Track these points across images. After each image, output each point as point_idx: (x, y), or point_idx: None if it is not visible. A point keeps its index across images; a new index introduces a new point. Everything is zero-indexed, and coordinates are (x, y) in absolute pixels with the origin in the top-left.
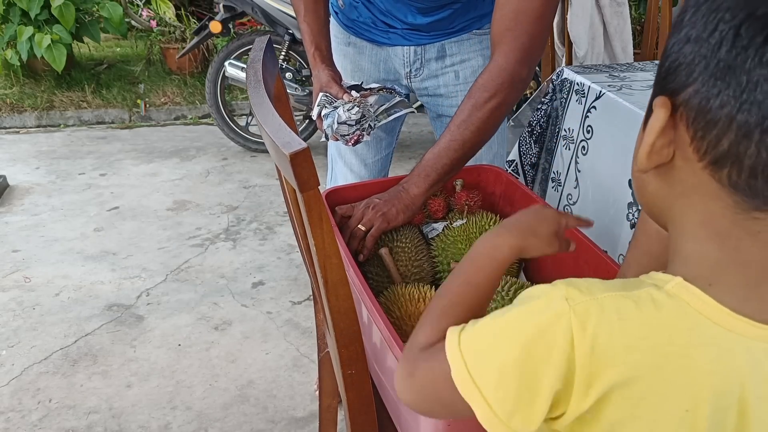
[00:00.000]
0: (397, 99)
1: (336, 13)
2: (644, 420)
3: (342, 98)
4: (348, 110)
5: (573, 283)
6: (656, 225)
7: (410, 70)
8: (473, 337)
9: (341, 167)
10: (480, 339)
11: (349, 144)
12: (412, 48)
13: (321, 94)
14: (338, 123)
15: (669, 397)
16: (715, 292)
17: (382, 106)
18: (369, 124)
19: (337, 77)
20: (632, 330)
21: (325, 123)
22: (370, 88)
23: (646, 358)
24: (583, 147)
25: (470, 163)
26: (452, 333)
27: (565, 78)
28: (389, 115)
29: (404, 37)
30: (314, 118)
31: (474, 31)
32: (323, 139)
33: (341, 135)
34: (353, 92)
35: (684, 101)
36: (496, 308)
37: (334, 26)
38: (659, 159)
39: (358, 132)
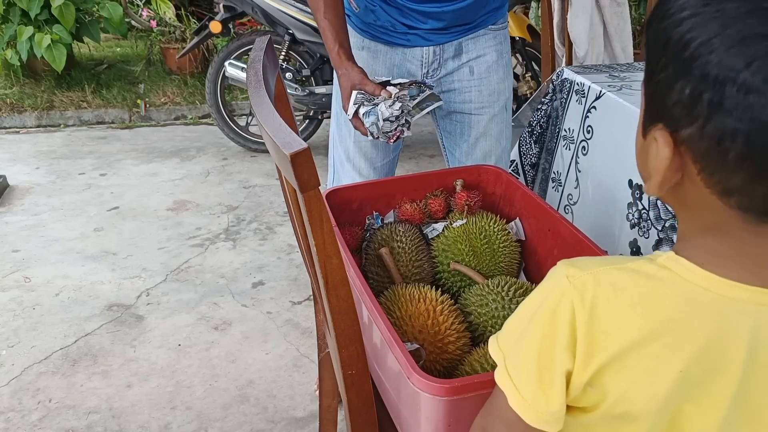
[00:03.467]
0: (428, 92)
1: (349, 16)
2: (643, 384)
3: (380, 95)
4: (390, 106)
5: (573, 263)
6: None
7: (428, 71)
8: (505, 335)
9: (349, 171)
10: (511, 334)
11: (390, 141)
12: (432, 48)
13: (355, 92)
14: (382, 120)
15: (663, 359)
16: (711, 267)
17: (414, 100)
18: (406, 119)
19: (366, 74)
20: (626, 298)
21: (368, 121)
22: (400, 84)
23: (639, 324)
24: (584, 147)
25: (472, 163)
26: (492, 339)
27: (565, 78)
28: (422, 109)
29: (424, 38)
30: (349, 117)
31: (489, 26)
32: (369, 138)
33: (384, 132)
34: (389, 88)
35: (687, 139)
36: (496, 308)
37: None
38: (669, 184)
39: (399, 128)
